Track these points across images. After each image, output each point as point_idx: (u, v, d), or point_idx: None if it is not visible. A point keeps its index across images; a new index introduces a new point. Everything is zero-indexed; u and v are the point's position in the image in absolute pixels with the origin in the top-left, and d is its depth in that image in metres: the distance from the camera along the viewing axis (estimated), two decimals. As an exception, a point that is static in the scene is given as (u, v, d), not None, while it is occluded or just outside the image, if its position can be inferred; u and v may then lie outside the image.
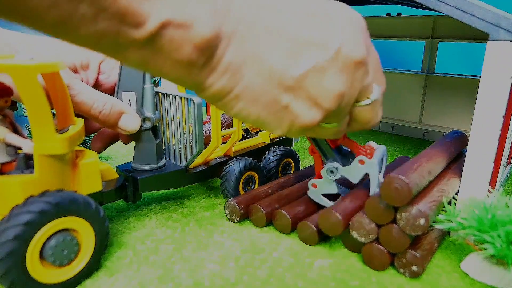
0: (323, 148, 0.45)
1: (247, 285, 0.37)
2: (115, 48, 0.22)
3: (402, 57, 1.15)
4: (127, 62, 0.23)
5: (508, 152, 0.49)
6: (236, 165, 0.53)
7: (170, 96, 0.50)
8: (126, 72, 0.46)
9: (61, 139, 0.35)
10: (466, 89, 0.86)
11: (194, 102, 0.48)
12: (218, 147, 0.56)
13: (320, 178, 0.47)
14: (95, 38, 0.21)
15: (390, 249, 0.39)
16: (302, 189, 0.53)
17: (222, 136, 0.54)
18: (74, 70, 0.46)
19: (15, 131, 0.37)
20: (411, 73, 0.93)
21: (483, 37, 0.38)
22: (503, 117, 0.40)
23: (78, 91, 0.41)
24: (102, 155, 0.74)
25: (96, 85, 0.48)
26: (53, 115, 0.36)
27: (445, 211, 0.40)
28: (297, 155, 0.63)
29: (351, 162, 0.44)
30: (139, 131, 0.47)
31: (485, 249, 0.37)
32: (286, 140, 0.67)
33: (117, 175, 0.48)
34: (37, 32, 0.20)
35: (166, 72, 0.24)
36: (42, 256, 0.35)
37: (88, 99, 0.42)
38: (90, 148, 0.51)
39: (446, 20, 0.85)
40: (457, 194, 0.44)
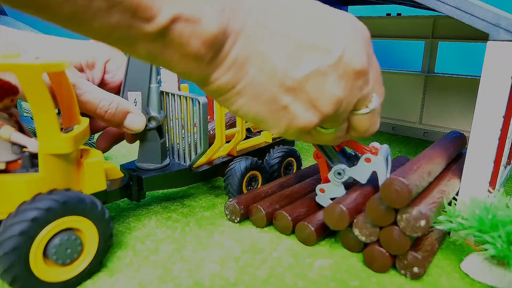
0: (328, 152, 0.45)
1: (247, 285, 0.37)
2: (126, 41, 0.22)
3: (402, 57, 1.15)
4: (137, 55, 0.24)
5: (508, 152, 0.49)
6: (240, 164, 0.53)
7: (175, 96, 0.50)
8: (132, 72, 0.46)
9: (66, 138, 0.35)
10: (466, 89, 0.86)
11: (200, 102, 0.48)
12: (222, 147, 0.56)
13: (327, 182, 0.47)
14: (108, 31, 0.21)
15: (391, 251, 0.39)
16: (303, 189, 0.53)
17: (226, 136, 0.54)
18: (80, 69, 0.46)
19: (21, 130, 0.38)
20: (411, 73, 0.93)
21: (483, 37, 0.38)
22: (503, 117, 0.40)
23: (84, 90, 0.41)
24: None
25: (102, 84, 0.48)
26: (58, 114, 0.36)
27: (445, 212, 0.40)
28: (299, 155, 0.63)
29: (357, 162, 0.44)
30: (144, 130, 0.47)
31: (486, 250, 0.37)
32: (288, 140, 0.67)
33: (122, 174, 0.48)
34: (51, 24, 0.21)
35: (174, 65, 0.24)
36: (46, 254, 0.35)
37: (94, 98, 0.42)
38: (96, 147, 0.51)
39: (446, 20, 0.85)
40: (457, 195, 0.44)
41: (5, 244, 0.32)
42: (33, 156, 0.36)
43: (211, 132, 0.60)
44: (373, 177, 0.44)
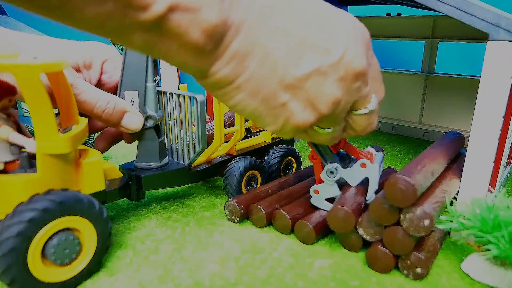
0: (323, 152, 0.45)
1: (247, 285, 0.37)
2: (120, 31, 0.21)
3: (402, 57, 1.15)
4: (132, 46, 0.23)
5: (508, 152, 0.49)
6: (239, 164, 0.53)
7: (173, 95, 0.50)
8: (128, 71, 0.46)
9: (64, 139, 0.35)
10: (466, 89, 0.86)
11: (197, 100, 0.48)
12: (221, 146, 0.56)
13: (321, 183, 0.47)
14: (100, 20, 0.20)
15: (395, 251, 0.38)
16: (302, 189, 0.53)
17: (225, 135, 0.54)
18: (77, 70, 0.46)
19: (19, 130, 0.38)
20: (411, 73, 0.93)
21: (483, 37, 0.38)
22: (503, 117, 0.40)
23: (82, 90, 0.41)
24: (102, 155, 0.74)
25: (99, 85, 0.48)
26: (57, 115, 0.36)
27: (447, 212, 0.40)
28: (299, 154, 0.63)
29: (350, 165, 0.44)
30: (142, 130, 0.47)
31: (488, 250, 0.36)
32: (288, 140, 0.67)
33: (121, 174, 0.48)
34: (39, 16, 0.20)
35: (172, 56, 0.24)
36: (44, 255, 0.35)
37: (91, 98, 0.42)
38: (94, 148, 0.51)
39: (446, 20, 0.85)
40: (458, 195, 0.44)
41: (3, 246, 0.32)
42: (31, 157, 0.36)
43: (210, 132, 0.60)
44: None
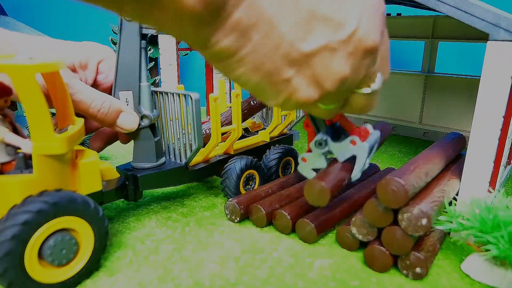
0: (317, 122, 0.44)
1: (247, 285, 0.37)
2: None
3: (402, 57, 1.15)
4: (126, 14, 0.22)
5: (508, 152, 0.48)
6: (237, 164, 0.53)
7: (168, 94, 0.50)
8: (122, 71, 0.46)
9: (60, 139, 0.35)
10: (466, 89, 0.85)
11: (192, 98, 0.48)
12: (218, 145, 0.56)
13: (310, 152, 0.46)
14: None
15: (393, 251, 0.39)
16: (303, 189, 0.53)
17: (222, 134, 0.54)
18: (73, 70, 0.46)
19: (15, 131, 0.37)
20: (411, 73, 0.93)
21: (483, 37, 0.38)
22: (503, 117, 0.40)
23: (77, 90, 0.41)
24: (101, 155, 0.74)
25: (95, 85, 0.48)
26: (53, 115, 0.36)
27: (446, 212, 0.40)
28: (298, 154, 0.63)
29: (342, 139, 0.43)
30: (137, 129, 0.47)
31: (488, 250, 0.36)
32: (287, 139, 0.67)
33: (118, 175, 0.48)
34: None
35: (168, 26, 0.23)
36: (41, 256, 0.35)
37: (87, 98, 0.42)
38: (89, 148, 0.51)
39: (446, 20, 0.85)
40: (457, 195, 0.44)
41: None
42: (28, 157, 0.36)
43: (207, 132, 0.60)
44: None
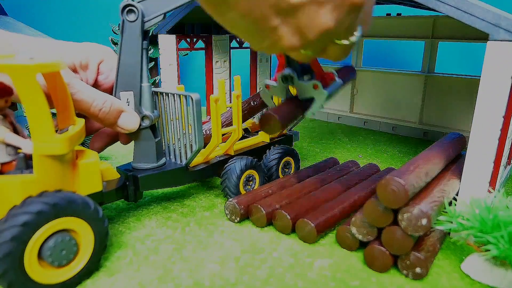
0: (290, 58, 0.46)
1: (247, 285, 0.37)
2: None
3: (402, 57, 1.15)
4: None
5: (508, 152, 0.49)
6: (237, 164, 0.53)
7: (169, 95, 0.50)
8: (123, 72, 0.46)
9: (61, 140, 0.35)
10: (466, 89, 0.85)
11: (193, 99, 0.48)
12: (218, 146, 0.56)
13: (276, 81, 0.48)
14: None
15: (393, 251, 0.39)
16: (303, 189, 0.53)
17: (223, 135, 0.54)
18: (74, 70, 0.46)
19: (15, 131, 0.37)
20: (411, 73, 0.93)
21: (483, 37, 0.38)
22: (503, 117, 0.40)
23: (78, 90, 0.41)
24: (102, 155, 0.74)
25: (95, 86, 0.48)
26: (53, 115, 0.35)
27: (446, 212, 0.40)
28: (298, 154, 0.63)
29: (307, 81, 0.46)
30: (138, 130, 0.47)
31: (488, 250, 0.36)
32: (286, 139, 0.67)
33: (118, 175, 0.48)
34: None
35: None
36: (41, 257, 0.34)
37: (88, 97, 0.42)
38: (90, 148, 0.51)
39: (446, 20, 0.85)
40: (457, 195, 0.44)
41: None
42: (28, 157, 0.36)
43: (208, 132, 0.60)
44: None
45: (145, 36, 0.46)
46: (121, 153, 0.77)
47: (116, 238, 0.45)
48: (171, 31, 0.82)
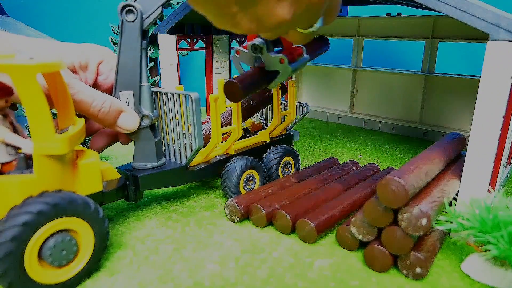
0: None
1: (247, 285, 0.37)
2: None
3: (402, 57, 1.15)
4: None
5: (508, 152, 0.49)
6: (237, 164, 0.53)
7: (168, 95, 0.50)
8: (123, 72, 0.46)
9: (61, 140, 0.35)
10: (466, 89, 0.86)
11: (192, 98, 0.48)
12: (218, 145, 0.56)
13: (246, 49, 0.49)
14: None
15: (393, 251, 0.39)
16: (303, 189, 0.53)
17: (223, 135, 0.54)
18: (73, 71, 0.46)
19: (15, 131, 0.37)
20: (411, 73, 0.93)
21: (483, 37, 0.38)
22: (503, 117, 0.40)
23: (77, 90, 0.41)
24: (102, 155, 0.74)
25: (95, 86, 0.48)
26: (53, 115, 0.35)
27: (446, 212, 0.40)
28: (298, 154, 0.63)
29: (275, 53, 0.47)
30: (138, 129, 0.47)
31: (488, 250, 0.36)
32: (286, 139, 0.67)
33: (119, 175, 0.48)
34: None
35: None
36: (41, 257, 0.34)
37: (87, 98, 0.42)
38: (90, 148, 0.51)
39: (446, 20, 0.85)
40: (457, 195, 0.44)
41: None
42: (28, 157, 0.36)
43: (208, 132, 0.60)
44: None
45: (144, 36, 0.46)
46: (121, 153, 0.77)
47: (116, 238, 0.45)
48: (171, 31, 0.82)
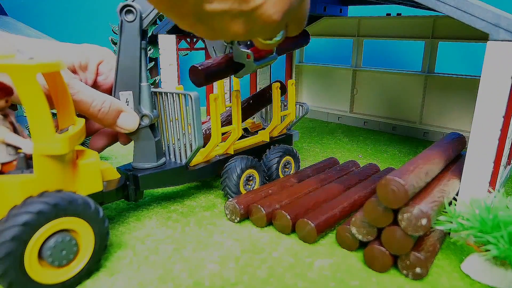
0: None
1: (247, 285, 0.37)
2: None
3: (402, 57, 1.15)
4: None
5: (508, 152, 0.49)
6: (237, 163, 0.53)
7: (168, 95, 0.50)
8: (122, 72, 0.46)
9: (61, 140, 0.35)
10: (466, 89, 0.85)
11: (191, 97, 0.48)
12: (218, 145, 0.56)
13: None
14: None
15: (393, 251, 0.39)
16: (303, 189, 0.53)
17: (223, 134, 0.54)
18: (73, 71, 0.46)
19: (15, 131, 0.37)
20: (411, 73, 0.93)
21: (483, 37, 0.38)
22: (503, 117, 0.40)
23: (77, 90, 0.41)
24: (102, 155, 0.74)
25: (95, 86, 0.48)
26: (54, 115, 0.35)
27: (446, 212, 0.40)
28: (298, 154, 0.63)
29: (243, 47, 0.48)
30: (138, 129, 0.47)
31: (488, 250, 0.36)
32: (286, 139, 0.67)
33: (119, 175, 0.48)
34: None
35: None
36: (41, 257, 0.34)
37: (87, 97, 0.42)
38: (90, 148, 0.51)
39: (446, 20, 0.85)
40: (457, 195, 0.44)
41: None
42: (28, 157, 0.36)
43: (207, 132, 0.60)
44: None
45: (144, 36, 0.46)
46: (121, 153, 0.77)
47: (116, 238, 0.45)
48: (171, 31, 0.82)
